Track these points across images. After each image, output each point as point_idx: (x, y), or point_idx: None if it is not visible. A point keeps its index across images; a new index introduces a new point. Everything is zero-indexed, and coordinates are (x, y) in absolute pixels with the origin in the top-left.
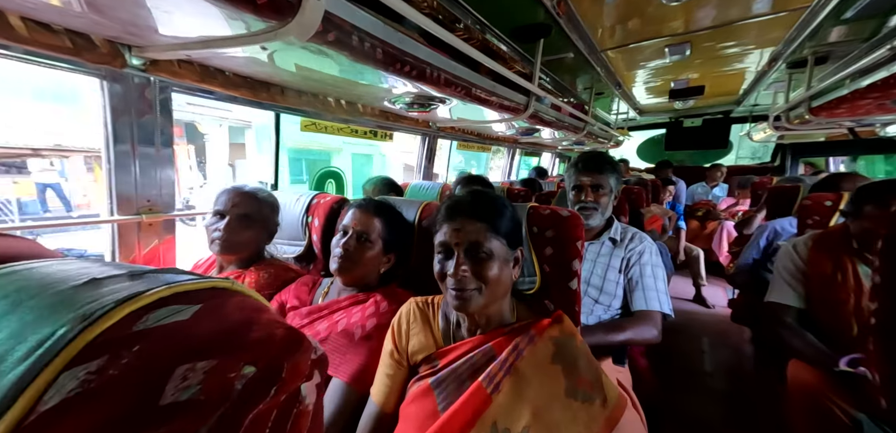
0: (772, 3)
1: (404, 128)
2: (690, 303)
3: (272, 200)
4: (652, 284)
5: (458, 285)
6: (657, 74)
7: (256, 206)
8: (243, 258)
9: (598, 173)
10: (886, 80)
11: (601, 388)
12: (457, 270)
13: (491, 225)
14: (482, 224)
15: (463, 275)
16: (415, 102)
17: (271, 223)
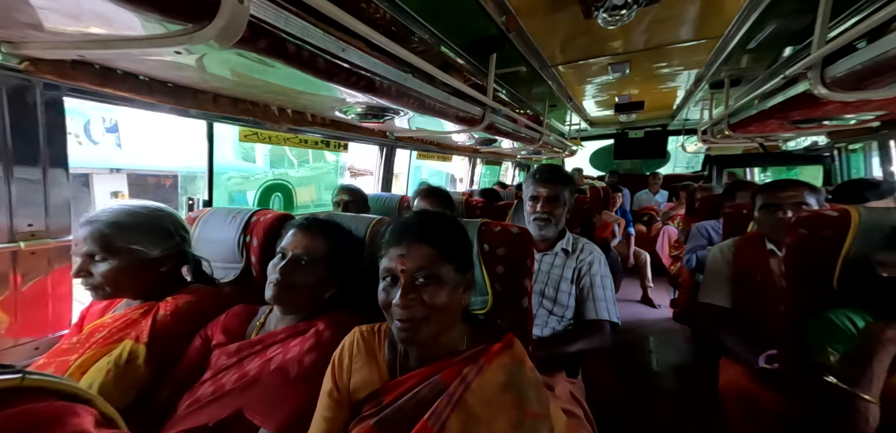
0: (694, 31)
1: (359, 138)
2: (639, 304)
3: (149, 219)
4: (601, 295)
5: (405, 315)
6: (603, 89)
7: (117, 235)
8: (137, 294)
9: (554, 184)
10: (783, 103)
11: (549, 418)
12: (403, 299)
13: (441, 250)
14: (431, 249)
15: (410, 305)
16: (368, 113)
17: (161, 246)
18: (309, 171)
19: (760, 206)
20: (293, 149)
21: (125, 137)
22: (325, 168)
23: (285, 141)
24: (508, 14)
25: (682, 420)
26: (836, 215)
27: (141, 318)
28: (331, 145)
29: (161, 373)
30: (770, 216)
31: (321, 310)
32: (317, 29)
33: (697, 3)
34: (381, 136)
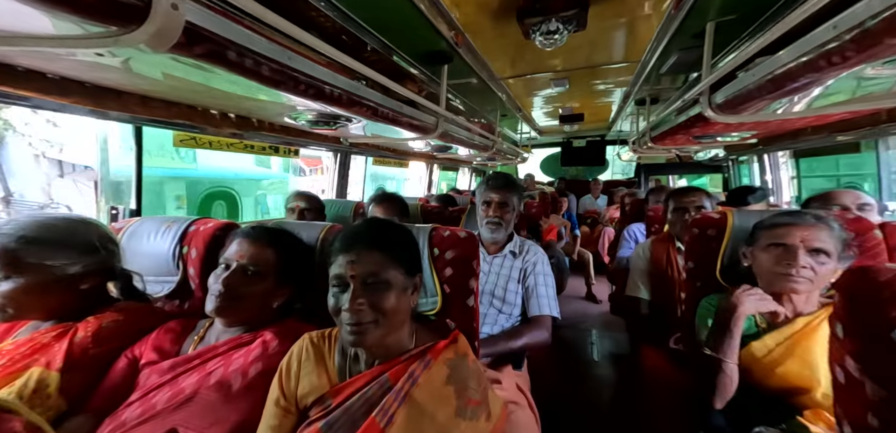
0: (618, 54)
1: (312, 143)
2: (583, 300)
3: (67, 231)
4: (544, 292)
5: (354, 319)
6: (549, 102)
7: (27, 250)
8: (48, 315)
9: (505, 191)
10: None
11: (487, 404)
12: (352, 304)
13: (389, 255)
14: (380, 254)
15: (359, 309)
16: (320, 120)
17: (83, 261)
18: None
19: (672, 209)
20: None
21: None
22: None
23: (228, 146)
24: (456, 30)
25: (617, 403)
26: (718, 217)
27: (53, 342)
28: (280, 151)
29: (80, 401)
30: (679, 218)
31: (269, 321)
32: (261, 38)
33: (618, 31)
34: (335, 142)
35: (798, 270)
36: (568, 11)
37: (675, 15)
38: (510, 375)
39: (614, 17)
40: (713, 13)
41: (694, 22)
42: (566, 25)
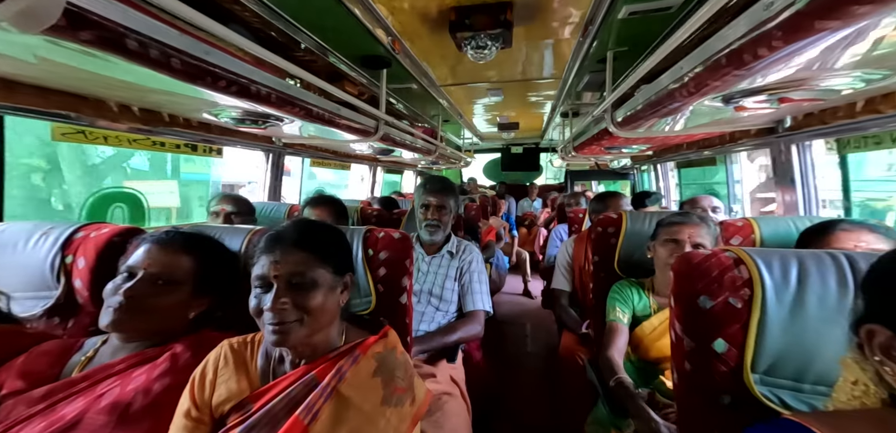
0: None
1: (239, 142)
2: (520, 296)
3: None
4: (477, 288)
5: (277, 318)
6: (488, 110)
7: None
8: None
9: (443, 195)
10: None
11: (412, 390)
12: (275, 304)
13: (316, 255)
14: (306, 254)
15: (282, 308)
16: (246, 118)
17: None
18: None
19: (591, 211)
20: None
21: None
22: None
23: (131, 142)
24: (393, 37)
25: (544, 387)
26: (616, 217)
27: None
28: (199, 150)
29: None
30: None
31: (181, 332)
32: (170, 28)
33: (541, 51)
34: (266, 141)
35: None
36: (494, 30)
37: (584, 42)
38: (444, 368)
39: (536, 39)
40: (611, 44)
41: (598, 50)
42: (494, 42)
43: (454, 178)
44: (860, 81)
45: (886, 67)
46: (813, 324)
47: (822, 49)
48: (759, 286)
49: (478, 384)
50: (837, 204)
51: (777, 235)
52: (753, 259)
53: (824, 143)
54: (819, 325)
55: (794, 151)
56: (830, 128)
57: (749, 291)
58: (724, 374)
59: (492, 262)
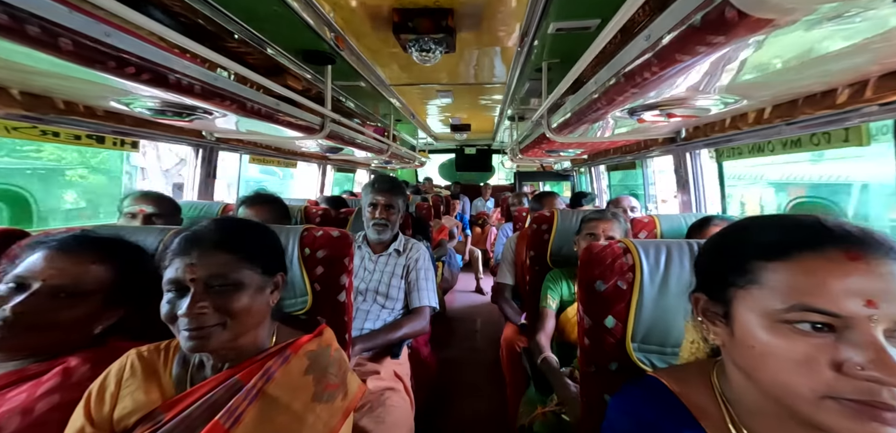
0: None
1: (160, 136)
2: (473, 294)
3: None
4: (424, 285)
5: (194, 324)
6: (441, 111)
7: None
8: None
9: (391, 194)
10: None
11: (344, 385)
12: (191, 308)
13: (240, 255)
14: (229, 255)
15: (200, 313)
16: (166, 109)
17: None
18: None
19: (530, 209)
20: None
21: None
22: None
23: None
24: (336, 33)
25: (490, 378)
26: (549, 215)
27: None
28: (107, 142)
29: None
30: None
31: (80, 346)
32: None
33: (485, 57)
34: (194, 135)
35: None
36: (437, 34)
37: (522, 51)
38: (388, 364)
39: (480, 46)
40: (546, 56)
41: (535, 60)
42: (438, 45)
43: (409, 178)
44: (721, 104)
45: (737, 94)
46: (672, 299)
47: (691, 76)
48: (640, 271)
49: (424, 379)
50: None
51: (673, 229)
52: (637, 248)
53: (707, 152)
54: (676, 300)
55: (688, 158)
56: (710, 139)
57: (632, 275)
58: (612, 345)
59: (444, 261)
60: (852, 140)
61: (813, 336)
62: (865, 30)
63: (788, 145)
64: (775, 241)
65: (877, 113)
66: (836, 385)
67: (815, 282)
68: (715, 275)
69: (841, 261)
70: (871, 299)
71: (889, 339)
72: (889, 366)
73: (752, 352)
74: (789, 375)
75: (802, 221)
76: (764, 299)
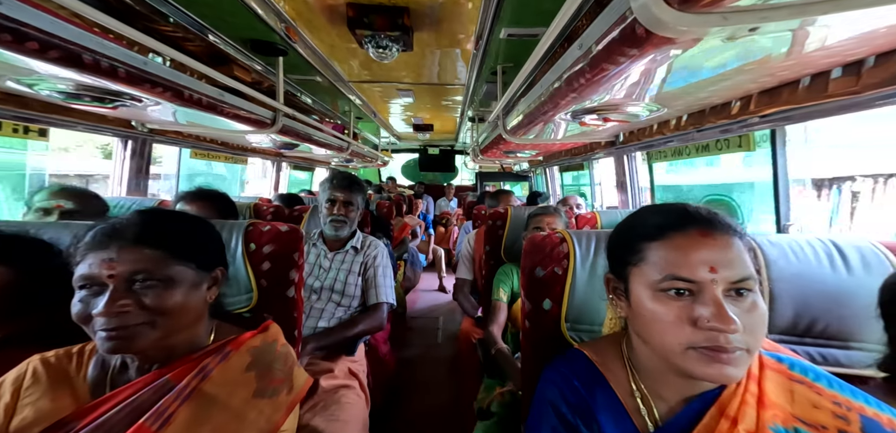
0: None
1: (77, 124)
2: (435, 292)
3: None
4: (382, 282)
5: (113, 323)
6: (403, 110)
7: None
8: None
9: (350, 191)
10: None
11: (290, 380)
12: (110, 307)
13: (170, 250)
14: (156, 251)
15: (121, 311)
16: (84, 93)
17: None
18: None
19: (487, 207)
20: None
21: None
22: None
23: None
24: (288, 24)
25: (449, 374)
26: (503, 211)
27: None
28: (4, 129)
29: None
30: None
31: None
32: None
33: (443, 58)
34: (122, 125)
35: None
36: (393, 32)
37: (478, 54)
38: (343, 362)
39: (436, 46)
40: (500, 59)
41: (489, 63)
42: (394, 43)
43: (372, 178)
44: (647, 111)
45: (660, 103)
46: (598, 282)
47: (623, 84)
48: (573, 258)
49: (381, 377)
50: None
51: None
52: (571, 237)
53: (640, 154)
54: (603, 284)
55: (625, 160)
56: (642, 143)
57: (567, 262)
58: (548, 327)
59: (406, 260)
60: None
61: (678, 300)
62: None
63: (700, 149)
64: (656, 225)
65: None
66: (693, 337)
67: (679, 256)
68: (617, 258)
69: (696, 238)
70: (713, 266)
71: (726, 297)
72: (724, 317)
73: (643, 320)
74: (665, 335)
75: (675, 208)
76: (649, 273)
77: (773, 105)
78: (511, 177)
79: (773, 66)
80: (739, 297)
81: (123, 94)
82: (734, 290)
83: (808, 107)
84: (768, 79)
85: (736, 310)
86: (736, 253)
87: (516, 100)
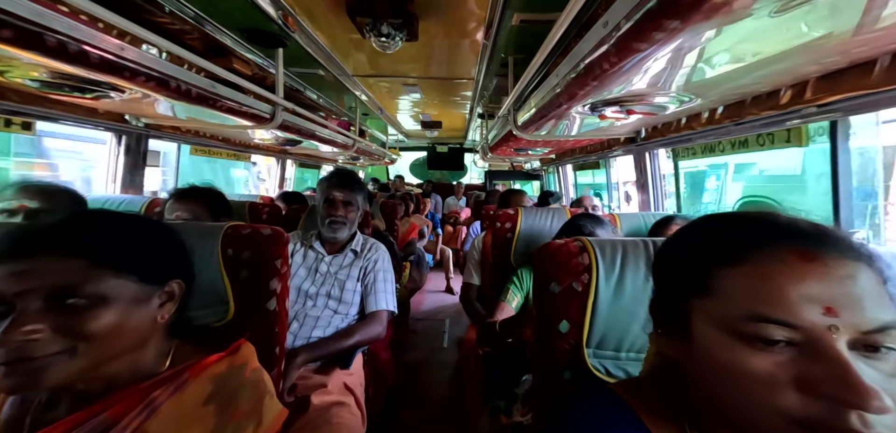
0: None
1: (59, 116)
2: (442, 294)
3: None
4: (382, 287)
5: (18, 353)
6: (410, 107)
7: None
8: None
9: (350, 190)
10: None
11: (259, 412)
12: (11, 333)
13: (101, 259)
14: (81, 260)
15: (28, 339)
16: (64, 83)
17: None
18: None
19: (498, 207)
20: None
21: None
22: None
23: None
24: (285, 12)
25: (453, 382)
26: (513, 213)
27: None
28: None
29: None
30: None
31: None
32: None
33: (450, 49)
34: (113, 119)
35: None
36: (396, 19)
37: (488, 43)
38: (337, 376)
39: (443, 36)
40: (511, 50)
41: (500, 53)
42: (397, 32)
43: (380, 176)
44: (676, 102)
45: (691, 93)
46: (627, 302)
47: (649, 71)
48: (596, 271)
49: (380, 385)
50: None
51: (633, 228)
52: (593, 247)
53: (664, 151)
54: (632, 302)
55: (647, 158)
56: (667, 139)
57: (588, 276)
58: (566, 351)
59: (412, 261)
60: (794, 140)
61: (771, 351)
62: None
63: (737, 145)
64: (728, 243)
65: (815, 114)
66: (803, 408)
67: (771, 288)
68: (670, 284)
69: (796, 263)
70: (829, 306)
71: (855, 353)
72: (852, 384)
73: (714, 374)
74: (752, 398)
75: (758, 219)
76: (721, 309)
77: (836, 91)
78: (522, 175)
79: (839, 44)
80: (876, 355)
81: (102, 84)
82: (868, 345)
83: (884, 92)
84: (833, 59)
85: (875, 376)
86: (866, 287)
87: (528, 93)
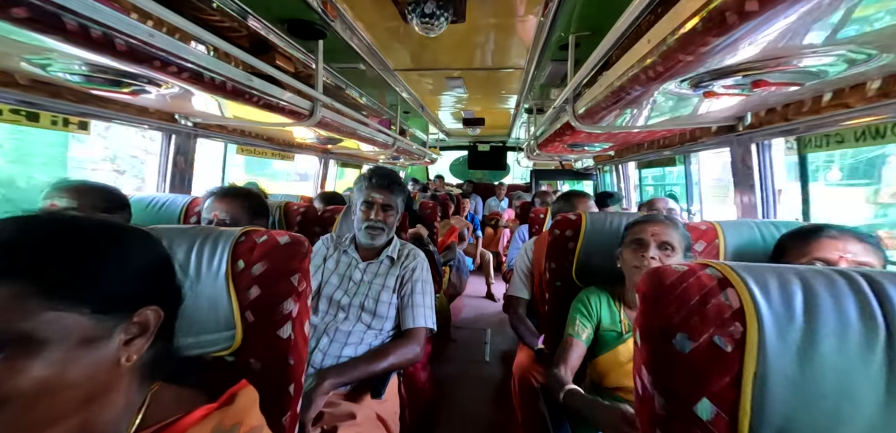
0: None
1: (114, 116)
2: (483, 299)
3: None
4: (420, 301)
5: None
6: (452, 103)
7: None
8: None
9: (390, 193)
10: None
11: None
12: None
13: (37, 285)
14: (9, 287)
15: None
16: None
17: None
18: None
19: (553, 211)
20: None
21: None
22: None
23: None
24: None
25: (497, 403)
26: (574, 218)
27: None
28: (42, 120)
29: None
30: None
31: None
32: None
33: (499, 31)
34: (164, 118)
35: (648, 261)
36: None
37: (545, 22)
38: (368, 405)
39: (491, 16)
40: (574, 27)
41: (560, 33)
42: (443, 11)
43: (420, 176)
44: (843, 61)
45: (874, 46)
46: (832, 375)
47: (800, 16)
48: (755, 319)
49: (416, 407)
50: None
51: (743, 242)
52: (743, 279)
53: (784, 142)
54: (841, 377)
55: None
56: (793, 124)
57: (741, 327)
58: None
59: (452, 265)
60: None
61: None
62: None
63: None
64: None
65: None
66: None
67: None
68: None
69: None
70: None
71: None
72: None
73: None
74: None
75: None
76: None
77: None
78: (570, 175)
79: None
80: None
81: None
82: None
83: None
84: None
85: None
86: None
87: (594, 76)
